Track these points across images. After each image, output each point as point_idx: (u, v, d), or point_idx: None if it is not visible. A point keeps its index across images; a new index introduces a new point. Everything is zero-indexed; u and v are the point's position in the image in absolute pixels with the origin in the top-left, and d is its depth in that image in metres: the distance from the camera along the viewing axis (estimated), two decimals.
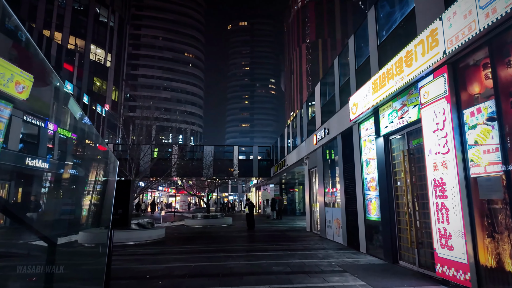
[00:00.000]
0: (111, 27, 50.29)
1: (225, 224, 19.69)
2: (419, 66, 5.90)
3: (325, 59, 62.95)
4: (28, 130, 5.12)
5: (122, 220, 3.86)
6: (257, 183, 38.28)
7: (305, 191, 15.64)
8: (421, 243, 6.47)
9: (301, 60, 68.42)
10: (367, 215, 8.62)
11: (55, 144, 5.92)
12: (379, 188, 7.86)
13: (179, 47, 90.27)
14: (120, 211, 3.85)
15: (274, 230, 16.36)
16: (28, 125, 4.24)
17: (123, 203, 3.85)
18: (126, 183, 3.98)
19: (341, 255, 8.61)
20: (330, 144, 11.89)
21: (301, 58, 68.18)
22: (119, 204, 3.83)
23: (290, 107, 73.55)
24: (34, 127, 4.56)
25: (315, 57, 64.57)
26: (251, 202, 17.01)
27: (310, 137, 14.39)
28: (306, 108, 15.97)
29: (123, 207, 3.84)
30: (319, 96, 13.36)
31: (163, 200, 66.13)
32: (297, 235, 13.66)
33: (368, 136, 8.48)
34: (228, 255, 9.07)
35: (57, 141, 5.84)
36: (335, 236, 11.21)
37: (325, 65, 60.82)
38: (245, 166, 27.86)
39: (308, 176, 15.05)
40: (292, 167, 19.06)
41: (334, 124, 11.15)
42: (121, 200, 3.85)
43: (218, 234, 14.94)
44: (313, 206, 14.67)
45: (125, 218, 3.83)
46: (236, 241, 12.37)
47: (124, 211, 3.84)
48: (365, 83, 8.21)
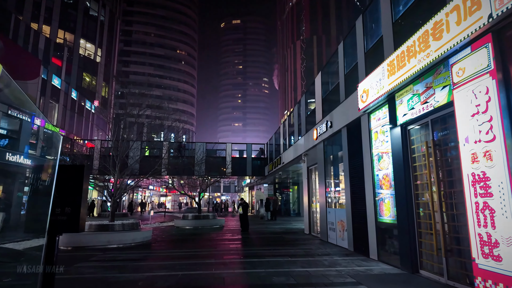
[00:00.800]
0: (102, 21, 48.82)
1: (217, 225, 18.56)
2: (452, 38, 4.89)
3: (320, 56, 61.89)
4: None
5: (71, 222, 2.71)
6: (250, 182, 37.18)
7: (303, 190, 14.62)
8: (450, 250, 5.46)
9: (295, 57, 67.21)
10: (379, 216, 7.61)
11: None
12: (395, 186, 6.85)
13: (171, 44, 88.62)
14: (68, 209, 2.71)
15: (269, 232, 15.29)
16: None
17: (72, 198, 2.71)
18: (77, 170, 2.82)
19: (350, 263, 7.58)
20: (333, 138, 10.87)
21: (296, 55, 66.96)
22: (66, 199, 2.70)
23: (284, 105, 72.41)
24: None
25: (309, 54, 63.48)
26: (245, 202, 15.91)
27: (310, 132, 13.36)
28: (304, 102, 14.95)
29: (72, 204, 2.70)
30: (320, 87, 12.34)
31: (154, 200, 64.59)
32: (295, 238, 12.61)
33: (381, 127, 7.47)
34: (220, 262, 7.97)
35: None
36: (339, 239, 10.19)
37: (320, 62, 59.83)
38: (238, 164, 26.74)
39: (306, 174, 14.03)
40: (289, 165, 18.03)
41: (338, 116, 10.13)
42: (68, 193, 2.72)
43: (209, 236, 13.81)
44: (312, 206, 13.64)
45: (75, 219, 2.69)
46: (230, 244, 11.27)
47: (74, 209, 2.70)
48: (377, 66, 7.20)
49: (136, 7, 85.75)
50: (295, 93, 65.09)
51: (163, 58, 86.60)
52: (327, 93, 11.68)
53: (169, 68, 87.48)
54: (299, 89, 63.23)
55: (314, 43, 63.90)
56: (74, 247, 10.39)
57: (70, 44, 43.27)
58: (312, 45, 63.90)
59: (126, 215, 23.83)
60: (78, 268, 7.38)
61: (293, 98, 65.53)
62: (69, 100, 38.33)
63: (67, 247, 10.40)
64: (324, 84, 12.08)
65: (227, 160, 24.65)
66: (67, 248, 10.34)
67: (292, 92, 67.02)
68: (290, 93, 68.47)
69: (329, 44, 62.08)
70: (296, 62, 66.53)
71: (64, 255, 9.31)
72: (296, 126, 16.40)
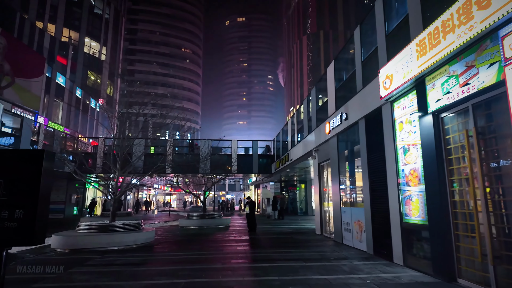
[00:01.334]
0: (106, 19, 48.47)
1: (223, 224, 17.83)
2: (505, 4, 4.06)
3: (327, 52, 60.35)
4: None
5: (23, 231, 1.91)
6: (256, 180, 36.42)
7: (314, 188, 13.82)
8: (499, 257, 4.64)
9: (301, 53, 65.77)
10: (405, 216, 6.79)
11: None
12: (426, 182, 6.03)
13: (176, 42, 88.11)
14: (19, 213, 1.92)
15: (278, 232, 14.52)
16: None
17: (25, 197, 1.93)
18: (33, 156, 2.02)
19: (372, 268, 6.78)
20: (349, 131, 10.05)
21: (302, 51, 65.50)
22: (16, 198, 1.91)
23: (290, 102, 71.11)
24: None
25: (316, 50, 62.06)
26: (252, 200, 15.13)
27: (321, 127, 12.54)
28: (314, 94, 14.12)
29: (25, 206, 1.91)
30: (332, 77, 11.51)
31: (159, 199, 64.20)
32: (307, 239, 11.82)
33: (407, 116, 6.65)
34: (228, 267, 7.23)
35: None
36: (356, 241, 9.38)
37: (327, 58, 58.40)
38: (244, 162, 25.94)
39: (317, 171, 13.22)
40: (297, 162, 17.21)
41: (354, 107, 9.31)
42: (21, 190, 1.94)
43: (215, 237, 13.08)
44: (324, 205, 12.84)
45: (30, 226, 1.90)
46: (237, 246, 10.52)
47: (28, 213, 1.92)
48: (403, 48, 6.37)
49: (142, 5, 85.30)
50: (301, 89, 63.84)
51: (168, 57, 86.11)
52: (341, 83, 10.85)
53: (174, 66, 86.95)
54: (306, 85, 62.00)
55: (321, 38, 62.41)
56: (71, 249, 9.72)
57: (75, 42, 42.97)
58: (319, 41, 62.42)
59: (130, 214, 23.21)
60: (70, 274, 6.69)
61: (299, 95, 64.29)
62: (74, 99, 37.94)
63: (64, 249, 9.74)
64: (337, 74, 11.25)
65: (233, 157, 23.87)
66: (64, 251, 9.68)
67: (298, 89, 65.76)
68: (296, 90, 67.20)
69: (337, 39, 60.53)
70: (303, 58, 65.13)
71: (60, 258, 8.65)
72: (305, 121, 15.59)
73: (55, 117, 35.11)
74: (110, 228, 10.67)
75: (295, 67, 69.38)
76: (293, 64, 71.17)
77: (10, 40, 26.54)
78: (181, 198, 66.33)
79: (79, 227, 10.77)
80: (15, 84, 27.20)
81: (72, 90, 37.40)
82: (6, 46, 26.17)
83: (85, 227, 10.63)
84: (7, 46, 26.40)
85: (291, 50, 73.56)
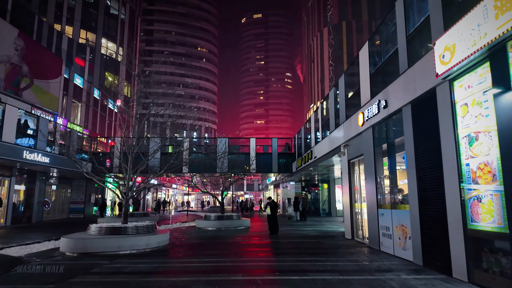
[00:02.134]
0: (122, 19, 48.56)
1: (242, 226, 16.76)
2: None
3: (350, 43, 57.51)
4: None
5: None
6: (275, 180, 35.21)
7: (342, 188, 12.51)
8: None
9: (322, 46, 63.25)
10: (471, 222, 5.45)
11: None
12: (505, 179, 4.69)
13: (192, 42, 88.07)
14: None
15: (303, 235, 13.29)
16: None
17: None
18: None
19: (428, 285, 5.48)
20: (389, 121, 8.72)
21: (323, 44, 62.95)
22: None
23: (310, 99, 68.94)
24: None
25: (338, 42, 59.57)
26: (273, 201, 13.99)
27: (352, 119, 11.23)
28: (343, 84, 12.80)
29: None
30: (366, 61, 10.18)
31: (178, 199, 64.07)
32: (337, 245, 10.55)
33: (477, 96, 5.31)
34: (250, 280, 6.09)
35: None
36: (398, 249, 8.05)
37: (350, 50, 55.88)
38: (263, 160, 24.80)
39: (347, 168, 11.90)
40: (322, 160, 15.91)
41: (396, 92, 7.98)
42: None
43: (234, 240, 12.00)
44: (356, 206, 11.51)
45: None
46: (259, 252, 9.40)
47: None
48: (470, 9, 5.03)
49: (157, 5, 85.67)
50: (322, 84, 61.61)
51: (184, 56, 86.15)
52: (378, 67, 9.51)
53: (190, 66, 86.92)
54: (327, 80, 59.73)
55: (343, 29, 59.66)
56: (80, 253, 8.86)
57: (92, 43, 43.15)
58: (341, 32, 59.73)
59: (147, 215, 22.48)
60: (71, 285, 5.74)
61: (320, 90, 62.08)
62: (92, 99, 37.94)
63: (73, 253, 8.90)
64: (372, 57, 9.92)
65: (251, 155, 22.75)
66: (72, 254, 8.84)
67: (319, 84, 63.52)
68: (317, 85, 64.90)
69: (360, 30, 57.58)
70: (323, 51, 62.71)
71: (67, 263, 7.77)
72: (332, 114, 14.27)
73: (74, 118, 35.17)
74: (122, 231, 9.77)
75: (315, 62, 67.01)
76: (313, 58, 68.79)
77: (28, 42, 26.45)
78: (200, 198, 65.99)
79: (90, 228, 9.94)
80: (34, 85, 27.18)
81: (90, 91, 37.39)
82: (24, 48, 26.10)
83: (95, 229, 9.79)
84: (25, 48, 26.38)
85: (310, 44, 71.13)
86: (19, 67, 25.41)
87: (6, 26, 24.41)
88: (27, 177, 20.44)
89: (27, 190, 20.46)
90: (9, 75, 24.46)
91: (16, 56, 25.21)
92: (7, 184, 18.37)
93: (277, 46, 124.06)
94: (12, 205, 18.75)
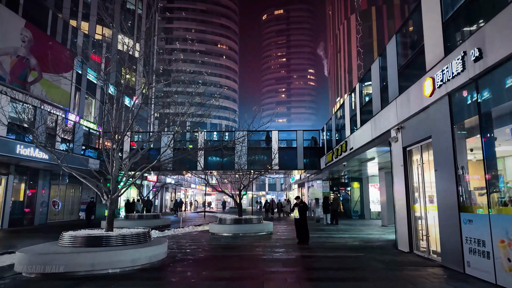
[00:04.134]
0: (139, 15, 47.25)
1: (263, 231, 14.09)
2: None
3: (381, 30, 53.20)
4: None
5: None
6: (300, 178, 32.26)
7: (395, 184, 9.59)
8: None
9: (349, 34, 58.82)
10: None
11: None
12: None
13: (212, 39, 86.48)
14: None
15: (341, 246, 10.43)
16: None
17: None
18: None
19: None
20: (482, 80, 5.77)
21: (350, 32, 58.49)
22: None
23: (337, 92, 64.88)
24: None
25: (367, 29, 55.14)
26: (303, 202, 11.21)
27: (410, 91, 8.31)
28: (393, 49, 9.84)
29: None
30: (436, 4, 7.22)
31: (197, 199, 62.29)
32: (394, 262, 7.66)
33: None
34: None
35: None
36: (502, 274, 5.12)
37: (381, 37, 51.57)
38: (286, 156, 22.06)
39: (402, 158, 8.97)
40: (361, 151, 12.96)
41: (499, 33, 5.06)
42: None
43: (253, 252, 9.34)
44: (415, 209, 8.57)
45: None
46: (287, 273, 6.70)
47: None
48: None
49: (176, 3, 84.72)
50: (350, 75, 57.41)
51: (204, 54, 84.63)
52: (458, 8, 6.55)
53: (210, 63, 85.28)
54: (355, 71, 55.50)
55: (372, 15, 55.16)
56: (41, 274, 6.46)
57: (108, 39, 41.97)
58: (370, 18, 55.33)
59: (158, 217, 20.28)
60: None
61: (347, 82, 57.95)
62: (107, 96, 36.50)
63: (31, 273, 6.48)
64: None
65: (274, 148, 20.00)
66: (29, 276, 6.43)
67: (346, 75, 59.30)
68: (343, 77, 60.76)
69: (392, 15, 52.92)
70: (351, 40, 58.43)
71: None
72: (375, 93, 11.35)
73: (87, 115, 33.81)
74: (103, 241, 7.36)
75: (341, 52, 62.71)
76: (339, 48, 64.48)
77: (36, 33, 24.95)
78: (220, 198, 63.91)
79: (62, 238, 7.59)
80: (42, 79, 25.72)
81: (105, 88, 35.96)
82: (32, 39, 24.62)
83: (69, 239, 7.42)
84: (33, 40, 24.92)
85: (336, 33, 66.78)
86: (26, 60, 23.95)
87: (11, 16, 22.94)
88: (29, 175, 18.72)
89: (28, 189, 18.74)
90: (16, 68, 23.01)
91: (23, 48, 23.74)
92: (4, 182, 16.63)
93: (299, 42, 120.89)
94: (11, 206, 17.01)
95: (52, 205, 21.06)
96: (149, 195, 27.47)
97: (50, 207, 20.88)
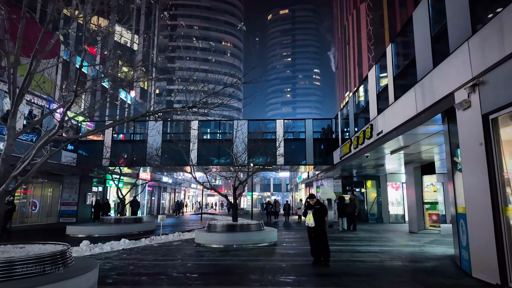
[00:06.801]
0: (138, 6, 44.41)
1: (264, 242, 10.78)
2: None
3: (393, 19, 49.40)
4: None
5: None
6: (307, 177, 28.84)
7: (465, 175, 6.25)
8: None
9: (359, 24, 55.09)
10: None
11: None
12: None
13: (216, 36, 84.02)
14: None
15: (377, 268, 7.08)
16: None
17: None
18: None
19: None
20: None
21: (359, 22, 55.03)
22: None
23: (345, 87, 61.21)
24: None
25: (378, 18, 51.39)
26: (318, 202, 7.81)
27: (502, 18, 4.97)
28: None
29: None
30: None
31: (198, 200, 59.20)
32: None
33: None
34: None
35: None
36: None
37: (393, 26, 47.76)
38: (293, 149, 18.73)
39: (483, 132, 5.64)
40: (398, 134, 9.58)
41: None
42: None
43: (245, 283, 6.04)
44: (510, 214, 5.20)
45: None
46: None
47: None
48: None
49: None
50: (360, 68, 53.71)
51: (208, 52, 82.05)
52: None
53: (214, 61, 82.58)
54: (365, 62, 51.73)
55: (383, 3, 51.55)
56: None
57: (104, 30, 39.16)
58: (381, 7, 51.66)
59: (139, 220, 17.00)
60: None
61: (357, 75, 54.28)
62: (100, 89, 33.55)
63: None
64: None
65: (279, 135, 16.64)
66: None
67: (356, 68, 55.65)
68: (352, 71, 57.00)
69: (404, 3, 49.35)
70: (360, 30, 54.77)
71: None
72: (422, 45, 8.00)
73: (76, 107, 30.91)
74: None
75: (350, 44, 58.91)
76: (347, 40, 60.65)
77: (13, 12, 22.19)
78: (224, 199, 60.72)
79: None
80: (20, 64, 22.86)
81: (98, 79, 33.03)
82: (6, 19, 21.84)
83: None
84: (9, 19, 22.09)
85: (344, 25, 63.12)
86: None
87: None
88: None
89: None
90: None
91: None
92: None
93: (304, 42, 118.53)
94: None
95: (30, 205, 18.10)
96: (137, 196, 24.42)
97: None
